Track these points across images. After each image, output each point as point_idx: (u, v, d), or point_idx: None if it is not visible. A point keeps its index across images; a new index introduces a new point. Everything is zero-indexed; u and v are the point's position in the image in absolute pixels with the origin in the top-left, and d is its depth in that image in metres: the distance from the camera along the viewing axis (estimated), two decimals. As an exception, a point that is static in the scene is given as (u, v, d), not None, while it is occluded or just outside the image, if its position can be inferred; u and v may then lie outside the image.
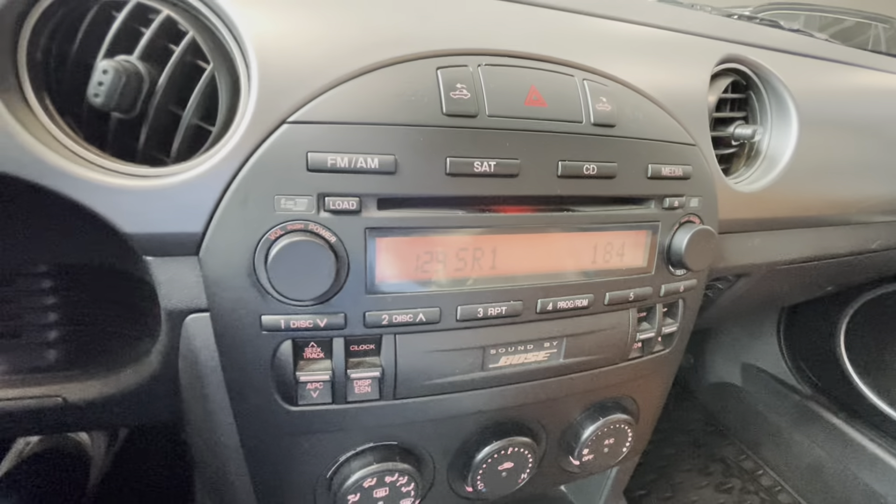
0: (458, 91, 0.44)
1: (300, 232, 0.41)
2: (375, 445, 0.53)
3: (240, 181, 0.40)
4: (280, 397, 0.47)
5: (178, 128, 0.42)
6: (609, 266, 0.55)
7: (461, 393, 0.52)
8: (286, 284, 0.40)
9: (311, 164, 0.41)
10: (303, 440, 0.50)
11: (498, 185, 0.47)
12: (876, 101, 0.79)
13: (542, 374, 0.55)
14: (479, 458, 0.56)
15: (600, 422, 0.62)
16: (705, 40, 0.64)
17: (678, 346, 0.66)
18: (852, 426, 1.27)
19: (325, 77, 0.41)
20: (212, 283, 0.42)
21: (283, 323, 0.43)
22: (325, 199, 0.41)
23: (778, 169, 0.67)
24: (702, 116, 0.59)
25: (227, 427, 0.49)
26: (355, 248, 0.43)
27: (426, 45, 0.45)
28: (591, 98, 0.50)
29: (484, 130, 0.45)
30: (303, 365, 0.46)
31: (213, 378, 0.47)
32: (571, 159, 0.49)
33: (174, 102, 0.42)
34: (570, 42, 0.52)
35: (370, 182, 0.42)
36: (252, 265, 0.41)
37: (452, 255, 0.47)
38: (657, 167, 0.53)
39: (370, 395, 0.48)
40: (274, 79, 0.40)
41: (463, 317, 0.48)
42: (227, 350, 0.45)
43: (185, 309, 0.44)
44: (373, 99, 0.42)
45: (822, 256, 0.80)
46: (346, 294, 0.44)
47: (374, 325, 0.45)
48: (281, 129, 0.40)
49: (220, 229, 0.41)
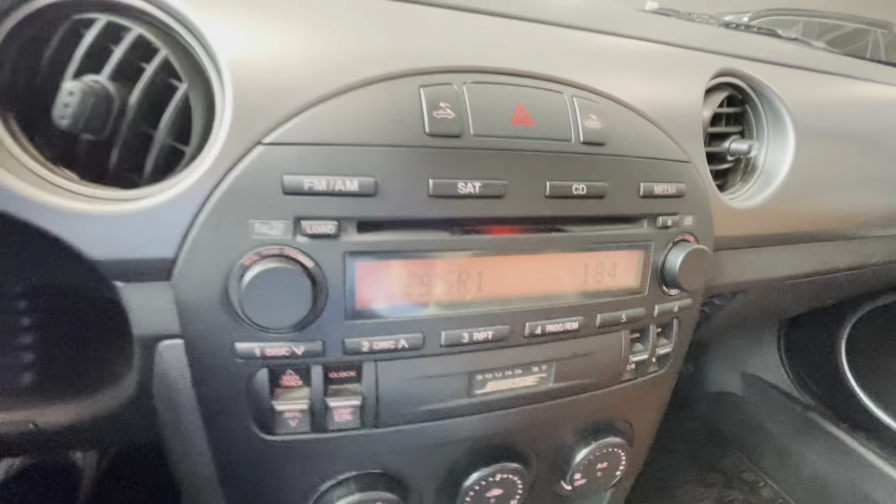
0: (442, 110, 0.43)
1: (276, 257, 0.40)
2: (359, 474, 0.51)
3: (213, 205, 0.39)
4: (257, 427, 0.45)
5: (151, 148, 0.40)
6: (600, 287, 0.53)
7: (446, 420, 0.50)
8: (260, 312, 0.39)
9: (287, 187, 0.39)
10: (282, 470, 0.48)
11: (483, 207, 0.45)
12: (874, 114, 0.78)
13: (532, 399, 0.54)
14: (467, 485, 0.54)
15: (593, 445, 0.60)
16: (699, 54, 0.62)
17: (673, 366, 0.65)
18: (854, 437, 1.25)
19: (302, 97, 0.40)
20: (184, 309, 0.41)
21: (258, 351, 0.42)
22: (302, 223, 0.40)
23: (775, 184, 0.65)
24: (696, 132, 0.58)
25: (203, 456, 0.47)
26: (334, 273, 0.42)
27: (409, 62, 0.43)
28: (580, 115, 0.48)
29: (469, 150, 0.44)
30: (279, 393, 0.45)
31: (188, 406, 0.45)
32: (560, 179, 0.47)
33: (147, 123, 0.41)
34: (559, 58, 0.51)
35: (349, 205, 0.41)
36: (225, 292, 0.40)
37: (437, 279, 0.46)
38: (649, 185, 0.52)
39: (351, 423, 0.47)
40: (249, 98, 0.39)
41: (447, 342, 0.47)
42: (200, 378, 0.43)
43: (158, 335, 0.42)
44: (352, 119, 0.41)
45: (821, 272, 0.78)
46: (324, 321, 0.42)
47: (354, 352, 0.44)
48: (255, 151, 0.39)
49: (192, 254, 0.39)
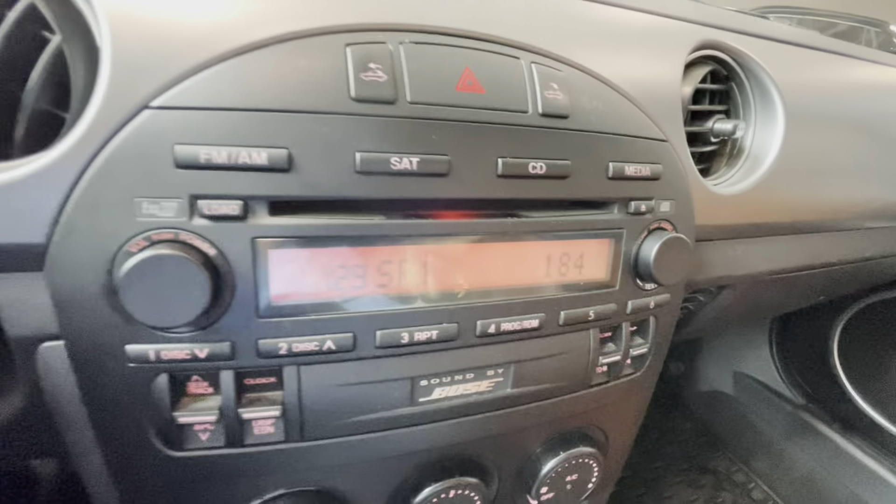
0: (372, 72, 0.37)
1: (168, 243, 0.33)
2: (289, 492, 0.45)
3: (88, 181, 0.32)
4: (160, 441, 0.39)
5: (19, 114, 0.34)
6: (564, 280, 0.47)
7: (387, 432, 0.44)
8: (145, 309, 0.32)
9: (180, 160, 0.33)
10: (196, 489, 0.42)
11: (423, 186, 0.39)
12: (872, 97, 0.72)
13: (488, 406, 0.48)
14: (417, 502, 0.48)
15: (561, 456, 0.55)
16: (679, 23, 0.56)
17: (651, 367, 0.59)
18: (846, 438, 1.23)
19: (201, 53, 0.33)
20: (61, 305, 0.34)
21: (152, 354, 0.35)
22: (199, 203, 0.34)
23: (762, 169, 0.59)
24: (674, 108, 0.52)
25: (101, 474, 0.41)
26: (241, 263, 0.35)
27: (334, 17, 0.37)
28: (539, 84, 0.42)
29: (403, 120, 0.38)
30: (186, 402, 0.38)
31: (79, 417, 0.39)
32: (514, 156, 0.41)
33: (15, 83, 0.34)
34: (518, 20, 0.45)
35: (258, 181, 0.35)
36: (109, 284, 0.34)
37: (370, 270, 0.40)
38: (619, 166, 0.46)
39: (273, 436, 0.41)
40: (132, 54, 0.32)
41: (383, 343, 0.40)
42: (88, 386, 0.37)
43: (35, 336, 0.36)
44: (261, 80, 0.35)
45: (813, 266, 0.73)
46: (231, 318, 0.36)
47: (270, 354, 0.38)
48: (141, 116, 0.33)
49: (65, 240, 0.33)
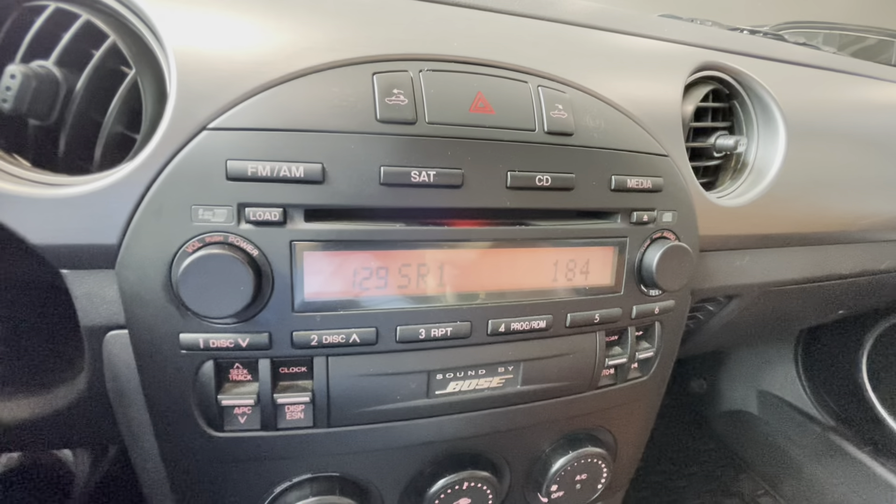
0: (395, 97, 0.42)
1: (219, 245, 0.39)
2: (315, 476, 0.49)
3: (155, 190, 0.38)
4: (204, 422, 0.44)
5: (99, 135, 0.40)
6: (571, 285, 0.51)
7: (405, 422, 0.48)
8: (198, 300, 0.37)
9: (231, 173, 0.38)
10: (233, 469, 0.47)
11: (440, 197, 0.44)
12: (874, 113, 0.74)
13: (499, 401, 0.51)
14: (432, 492, 0.52)
15: (570, 455, 0.57)
16: (679, 46, 0.60)
17: (658, 372, 0.61)
18: (878, 461, 1.18)
19: (249, 82, 0.39)
20: (128, 298, 0.40)
21: (201, 342, 0.40)
22: (246, 210, 0.39)
23: (765, 182, 0.62)
24: (674, 126, 0.55)
25: (152, 453, 0.46)
26: (280, 263, 0.40)
27: (363, 49, 0.43)
28: (545, 105, 0.47)
29: (423, 138, 0.42)
30: (228, 387, 0.43)
31: (136, 399, 0.44)
32: (521, 169, 0.45)
33: (95, 109, 0.40)
34: (525, 47, 0.50)
35: (295, 192, 0.40)
36: (168, 280, 0.39)
37: (392, 271, 0.44)
38: (622, 178, 0.50)
39: (303, 421, 0.45)
40: (194, 83, 0.38)
41: (403, 338, 0.45)
42: (146, 370, 0.42)
43: (104, 325, 0.41)
44: (299, 105, 0.40)
45: (824, 277, 0.74)
46: (270, 312, 0.41)
47: (303, 345, 0.42)
48: (200, 136, 0.38)
49: (134, 241, 0.38)
